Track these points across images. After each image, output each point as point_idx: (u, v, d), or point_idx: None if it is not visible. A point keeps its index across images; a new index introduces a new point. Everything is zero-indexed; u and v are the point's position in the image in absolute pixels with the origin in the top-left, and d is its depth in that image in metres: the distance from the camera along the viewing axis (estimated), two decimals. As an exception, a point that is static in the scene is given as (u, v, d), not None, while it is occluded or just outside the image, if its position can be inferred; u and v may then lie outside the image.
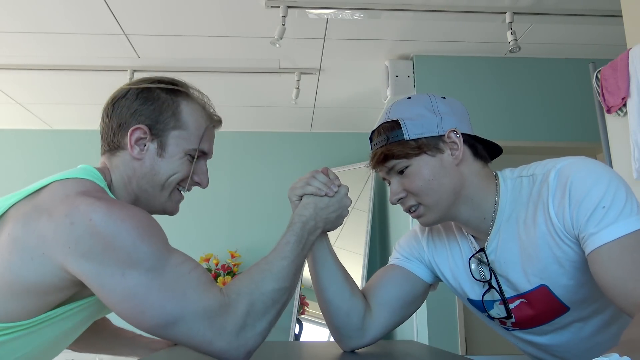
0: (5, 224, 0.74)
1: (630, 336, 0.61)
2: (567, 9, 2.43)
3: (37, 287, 0.72)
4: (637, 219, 0.73)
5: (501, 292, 0.90)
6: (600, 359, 0.47)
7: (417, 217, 0.93)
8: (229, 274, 3.38)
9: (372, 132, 0.94)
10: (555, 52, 2.88)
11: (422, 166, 0.88)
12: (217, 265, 3.41)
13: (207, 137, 0.92)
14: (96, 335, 1.08)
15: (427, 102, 0.91)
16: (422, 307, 2.09)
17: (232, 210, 3.85)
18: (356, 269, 3.32)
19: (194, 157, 0.89)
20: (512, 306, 0.90)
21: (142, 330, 0.73)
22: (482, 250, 0.91)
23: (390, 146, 0.88)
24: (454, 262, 0.99)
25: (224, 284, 3.25)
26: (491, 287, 0.91)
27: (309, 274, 1.02)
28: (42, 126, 3.87)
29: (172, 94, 0.89)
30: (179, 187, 0.91)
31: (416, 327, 2.75)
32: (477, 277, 0.92)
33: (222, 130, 0.98)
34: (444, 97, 0.93)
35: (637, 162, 1.65)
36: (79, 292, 0.77)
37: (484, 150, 0.94)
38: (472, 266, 0.93)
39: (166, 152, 0.87)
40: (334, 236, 3.38)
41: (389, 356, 0.98)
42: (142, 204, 0.89)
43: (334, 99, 3.45)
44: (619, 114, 1.79)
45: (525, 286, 0.87)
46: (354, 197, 3.57)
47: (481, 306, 0.95)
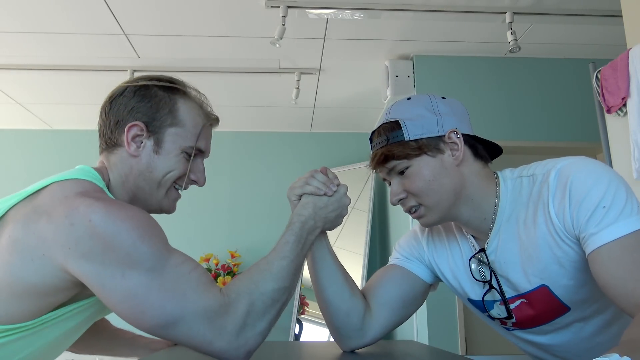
0: (5, 226, 0.74)
1: (630, 336, 0.61)
2: (567, 9, 2.43)
3: (37, 288, 0.72)
4: (638, 219, 0.73)
5: (501, 293, 0.90)
6: (600, 359, 0.47)
7: (418, 218, 0.93)
8: (229, 274, 3.38)
9: (372, 132, 0.94)
10: (555, 52, 2.88)
11: (422, 167, 0.87)
12: (217, 265, 3.41)
13: (204, 135, 0.92)
14: (96, 336, 1.08)
15: (427, 103, 0.91)
16: (422, 307, 2.08)
17: (232, 210, 3.85)
18: (356, 269, 3.32)
19: (191, 155, 0.89)
20: (512, 306, 0.90)
21: (142, 330, 0.73)
22: (483, 250, 0.91)
23: (390, 147, 0.88)
24: (454, 262, 0.98)
25: (224, 284, 3.25)
26: (491, 287, 0.91)
27: (308, 274, 1.02)
28: (42, 126, 3.87)
29: (169, 91, 0.89)
30: (175, 185, 0.91)
31: (416, 327, 2.75)
32: (478, 277, 0.92)
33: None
34: (444, 98, 0.93)
35: (637, 162, 1.65)
36: (79, 293, 0.77)
37: (484, 150, 0.94)
38: (473, 266, 0.93)
39: (162, 149, 0.87)
40: (334, 236, 3.38)
41: (389, 356, 0.98)
42: (140, 203, 0.89)
43: (334, 99, 3.45)
44: (619, 114, 1.79)
45: (525, 286, 0.87)
46: (354, 197, 3.57)
47: (482, 306, 0.95)
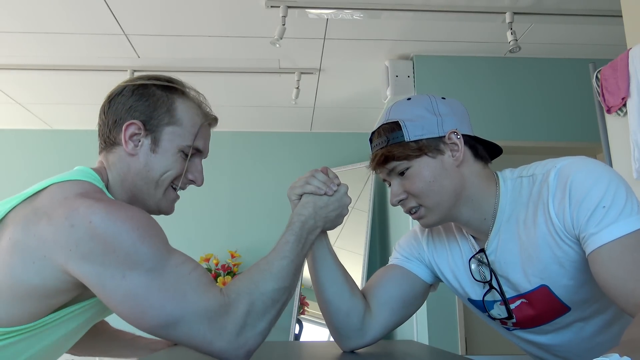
0: (5, 228, 0.74)
1: (631, 336, 0.61)
2: (567, 9, 2.43)
3: (39, 290, 0.72)
4: (638, 219, 0.73)
5: (502, 293, 0.90)
6: (600, 358, 0.47)
7: (418, 219, 0.93)
8: (229, 274, 3.38)
9: (372, 133, 0.94)
10: (555, 52, 2.88)
11: (422, 168, 0.87)
12: (217, 265, 3.41)
13: (202, 135, 0.92)
14: (95, 338, 1.08)
15: (427, 103, 0.90)
16: (422, 307, 2.08)
17: (232, 210, 3.85)
18: (356, 269, 3.32)
19: (188, 154, 0.89)
20: (512, 306, 0.90)
21: (143, 330, 0.73)
22: (482, 250, 0.91)
23: (390, 148, 0.88)
24: (454, 263, 0.98)
25: (224, 284, 3.24)
26: (492, 287, 0.91)
27: (308, 274, 1.02)
28: (42, 126, 3.87)
29: (167, 90, 0.89)
30: (173, 185, 0.90)
31: (416, 327, 2.75)
32: (478, 277, 0.92)
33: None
34: (444, 98, 0.93)
35: (637, 162, 1.65)
36: (80, 294, 0.77)
37: (484, 150, 0.94)
38: (473, 267, 0.93)
39: (159, 148, 0.87)
40: (334, 236, 3.38)
41: (389, 356, 0.98)
42: (138, 203, 0.89)
43: (334, 99, 3.45)
44: (619, 114, 1.79)
45: (525, 286, 0.87)
46: (354, 197, 3.57)
47: (482, 306, 0.95)
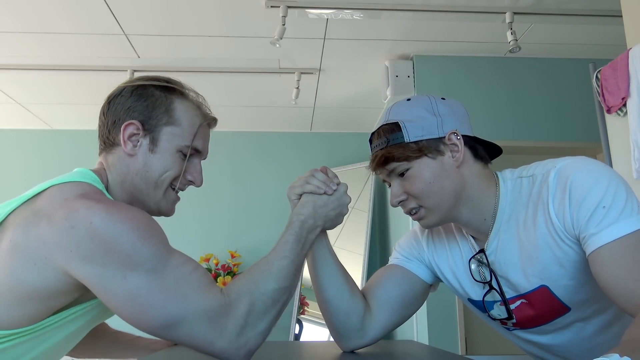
0: (5, 231, 0.74)
1: (631, 336, 0.61)
2: (567, 9, 2.43)
3: (40, 292, 0.72)
4: (638, 219, 0.73)
5: (501, 293, 0.90)
6: (601, 359, 0.47)
7: (418, 220, 0.93)
8: (229, 274, 3.38)
9: (372, 134, 0.94)
10: (555, 52, 2.88)
11: (422, 169, 0.87)
12: (217, 265, 3.41)
13: (201, 135, 0.92)
14: (95, 339, 1.08)
15: (427, 104, 0.90)
16: (422, 307, 2.08)
17: (232, 210, 3.85)
18: (356, 269, 3.32)
19: (187, 155, 0.89)
20: (512, 307, 0.90)
21: (144, 331, 0.73)
22: (482, 251, 0.91)
23: (390, 149, 0.88)
24: (454, 263, 0.98)
25: (224, 284, 3.24)
26: (492, 288, 0.91)
27: (308, 274, 1.02)
28: (42, 126, 3.87)
29: (166, 91, 0.89)
30: (172, 186, 0.90)
31: (416, 327, 2.75)
32: (478, 278, 0.92)
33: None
34: (443, 99, 0.93)
35: (637, 162, 1.65)
36: (81, 296, 0.77)
37: (484, 151, 0.94)
38: (472, 267, 0.92)
39: (158, 148, 0.87)
40: (334, 236, 3.38)
41: (389, 356, 0.98)
42: (138, 204, 0.89)
43: (334, 99, 3.45)
44: (619, 114, 1.79)
45: (525, 287, 0.87)
46: (354, 197, 3.57)
47: (482, 307, 0.95)
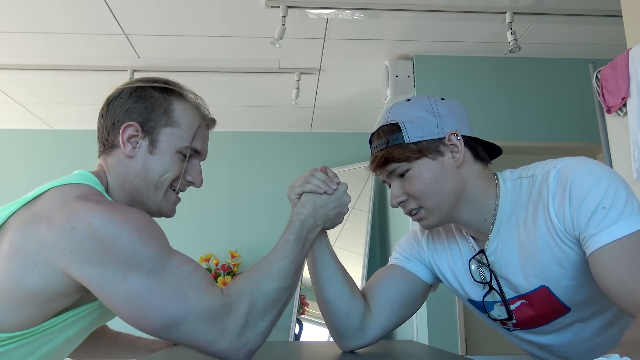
0: (5, 234, 0.74)
1: (631, 337, 0.61)
2: (567, 9, 2.43)
3: (40, 294, 0.71)
4: (638, 219, 0.73)
5: (502, 294, 0.90)
6: (601, 359, 0.47)
7: (419, 220, 0.93)
8: (229, 274, 3.38)
9: (372, 134, 0.94)
10: (555, 52, 2.88)
11: (423, 169, 0.87)
12: (217, 265, 3.41)
13: (200, 136, 0.92)
14: (96, 341, 1.08)
15: (427, 105, 0.90)
16: (422, 307, 2.08)
17: (232, 210, 3.85)
18: (356, 269, 3.32)
19: (186, 155, 0.89)
20: (512, 307, 0.90)
21: (145, 332, 0.73)
22: (482, 251, 0.91)
23: (390, 149, 0.88)
24: (454, 263, 0.98)
25: (224, 284, 3.25)
26: (492, 288, 0.91)
27: (308, 273, 1.02)
28: (42, 126, 3.87)
29: (164, 92, 0.89)
30: (173, 187, 0.90)
31: (416, 327, 2.75)
32: (478, 278, 0.92)
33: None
34: (443, 99, 0.93)
35: (637, 162, 1.65)
36: (82, 298, 0.77)
37: (484, 151, 0.93)
38: (472, 267, 0.92)
39: (157, 149, 0.87)
40: (334, 236, 3.38)
41: (389, 356, 0.98)
42: (139, 206, 0.89)
43: (334, 99, 3.45)
44: (619, 114, 1.79)
45: (525, 287, 0.87)
46: (354, 197, 3.57)
47: (482, 307, 0.95)
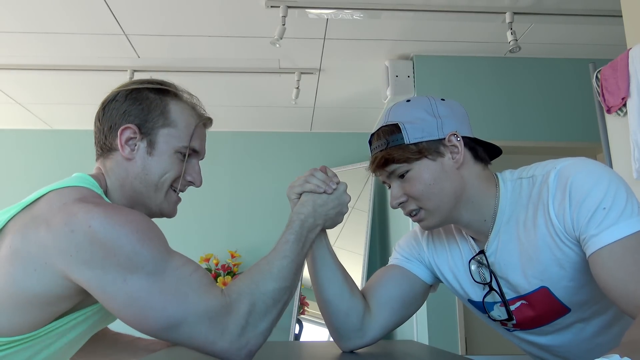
0: (4, 238, 0.74)
1: (631, 337, 0.61)
2: (567, 9, 2.43)
3: (40, 297, 0.71)
4: (638, 220, 0.73)
5: (502, 294, 0.90)
6: (601, 359, 0.47)
7: (419, 221, 0.92)
8: (229, 274, 3.38)
9: (372, 135, 0.94)
10: (555, 52, 2.88)
11: (422, 170, 0.87)
12: (217, 265, 3.41)
13: (198, 135, 0.92)
14: (96, 342, 1.08)
15: (426, 105, 0.90)
16: (422, 307, 2.08)
17: (232, 210, 3.85)
18: (356, 269, 3.32)
19: (185, 155, 0.89)
20: (512, 308, 0.90)
21: (145, 333, 0.73)
22: (482, 252, 0.91)
23: (390, 150, 0.88)
24: (454, 264, 0.98)
25: (224, 284, 3.25)
26: (492, 289, 0.91)
27: (308, 273, 1.02)
28: (42, 126, 3.87)
29: (160, 93, 0.90)
30: (173, 188, 0.90)
31: (416, 327, 2.75)
32: (478, 279, 0.92)
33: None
34: (443, 99, 0.93)
35: (637, 162, 1.65)
36: (82, 301, 0.77)
37: (484, 152, 0.93)
38: (472, 268, 0.92)
39: (156, 150, 0.87)
40: (334, 236, 3.38)
41: (389, 356, 0.98)
42: (140, 207, 0.89)
43: (334, 99, 3.45)
44: (619, 114, 1.79)
45: (525, 288, 0.87)
46: (354, 197, 3.57)
47: (482, 308, 0.95)
